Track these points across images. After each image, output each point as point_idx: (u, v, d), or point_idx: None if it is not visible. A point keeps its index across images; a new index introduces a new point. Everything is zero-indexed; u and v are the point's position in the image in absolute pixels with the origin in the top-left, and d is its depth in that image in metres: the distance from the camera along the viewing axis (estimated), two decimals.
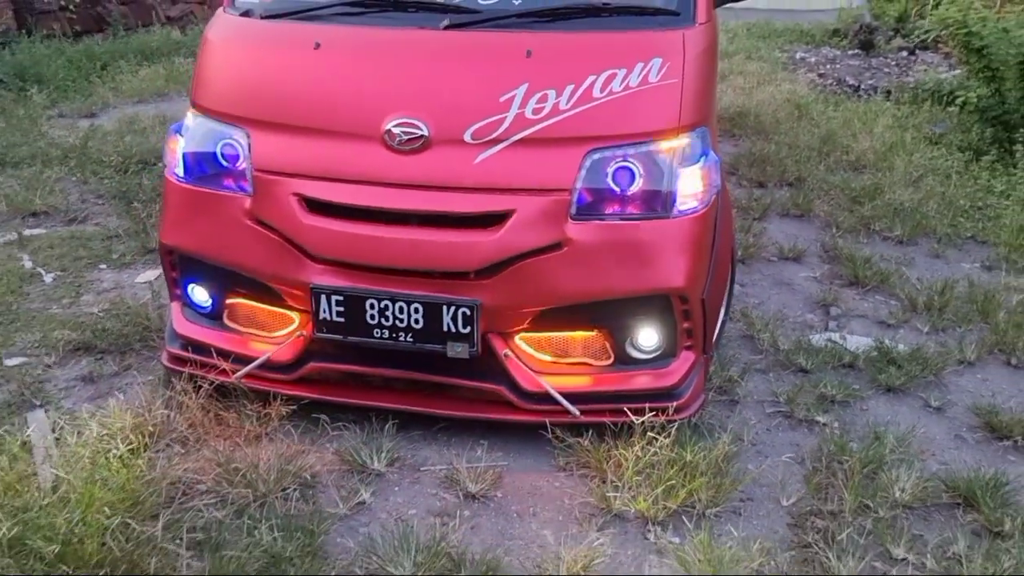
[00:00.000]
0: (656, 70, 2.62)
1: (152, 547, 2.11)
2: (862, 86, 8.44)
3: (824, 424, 2.96)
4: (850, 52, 10.64)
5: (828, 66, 9.72)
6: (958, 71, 7.33)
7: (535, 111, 2.57)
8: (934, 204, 4.88)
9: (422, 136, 2.58)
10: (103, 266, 4.18)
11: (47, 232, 4.55)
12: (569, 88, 2.58)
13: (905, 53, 10.09)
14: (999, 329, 3.55)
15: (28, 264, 4.15)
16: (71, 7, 9.99)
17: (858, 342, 3.48)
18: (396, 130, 2.59)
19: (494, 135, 2.57)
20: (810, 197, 5.08)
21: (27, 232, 4.51)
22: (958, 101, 5.92)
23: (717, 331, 3.19)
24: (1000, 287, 3.92)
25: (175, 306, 3.04)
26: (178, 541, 2.17)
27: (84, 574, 2.01)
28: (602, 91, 2.58)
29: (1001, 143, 5.72)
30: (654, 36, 2.71)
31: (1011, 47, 5.50)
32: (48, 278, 4.03)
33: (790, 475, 2.70)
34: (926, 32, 8.82)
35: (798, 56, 10.27)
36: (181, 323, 3.00)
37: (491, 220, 2.57)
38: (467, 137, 2.58)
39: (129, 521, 2.15)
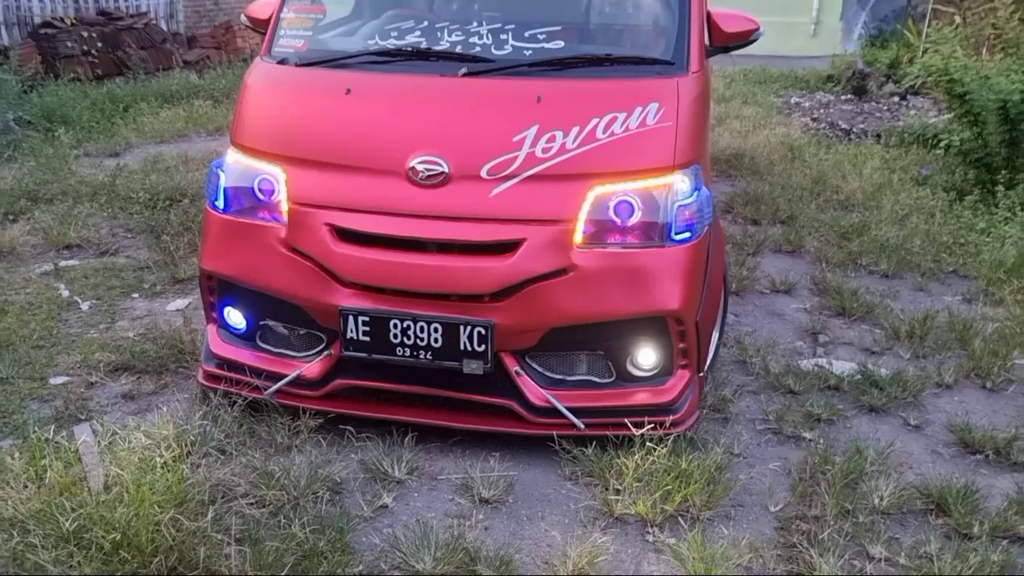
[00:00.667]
0: (653, 114, 2.91)
1: (201, 538, 2.34)
2: (854, 130, 8.78)
3: (810, 439, 3.19)
4: (843, 97, 11.01)
5: (821, 111, 10.07)
6: (946, 116, 7.65)
7: (544, 150, 2.86)
8: (918, 241, 5.15)
9: (443, 172, 2.87)
10: (135, 295, 4.44)
11: (81, 263, 4.83)
12: (575, 129, 2.87)
13: (896, 98, 10.45)
14: (975, 355, 3.79)
15: (65, 293, 4.41)
16: (93, 52, 10.42)
17: (843, 367, 3.72)
18: (419, 166, 2.87)
19: (508, 171, 2.85)
20: (801, 234, 5.36)
21: (62, 263, 4.79)
22: (942, 144, 6.22)
23: (711, 355, 3.44)
24: (978, 317, 4.17)
25: (211, 328, 3.30)
26: (223, 534, 2.40)
27: (141, 561, 2.24)
28: (604, 132, 2.87)
29: (984, 184, 6.01)
30: (651, 83, 3.01)
31: (991, 93, 5.81)
32: (84, 306, 4.29)
33: (777, 484, 2.93)
34: (914, 79, 9.18)
35: (793, 101, 10.64)
36: (217, 343, 3.26)
37: (504, 248, 2.84)
38: (483, 173, 2.86)
39: (179, 517, 2.38)
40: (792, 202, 5.89)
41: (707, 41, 3.36)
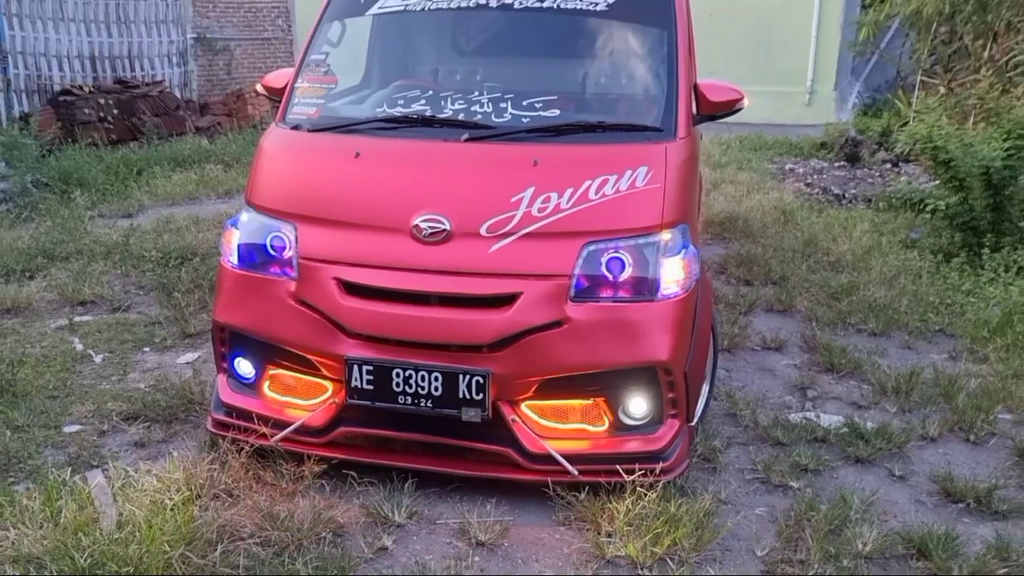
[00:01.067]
0: (642, 176, 3.10)
1: (209, 573, 2.45)
2: (846, 195, 9.02)
3: (797, 488, 3.30)
4: (836, 164, 11.32)
5: (815, 176, 10.35)
6: (935, 181, 7.89)
7: (540, 209, 3.05)
8: (906, 301, 5.31)
9: (445, 230, 3.05)
10: (147, 348, 4.60)
11: (95, 319, 5.00)
12: (569, 191, 3.06)
13: (889, 165, 10.75)
14: (959, 409, 3.91)
15: (79, 346, 4.57)
16: (109, 118, 10.79)
17: (830, 420, 3.84)
18: (423, 224, 3.06)
19: (506, 229, 3.04)
20: (792, 294, 5.52)
21: (77, 319, 4.96)
22: (929, 208, 6.43)
23: (701, 407, 3.58)
24: (962, 373, 4.31)
25: (221, 377, 3.45)
26: (231, 570, 2.51)
27: None
28: (597, 193, 3.07)
29: (971, 247, 6.20)
30: (641, 148, 3.22)
31: (975, 160, 6.04)
32: (98, 359, 4.44)
33: (764, 530, 3.03)
34: (903, 146, 9.47)
35: (787, 167, 10.93)
36: (226, 392, 3.40)
37: (502, 301, 3.01)
38: (483, 231, 3.05)
39: (188, 553, 2.50)
40: (783, 263, 6.07)
41: (695, 110, 3.58)
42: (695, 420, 3.60)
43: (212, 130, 12.03)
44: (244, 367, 3.39)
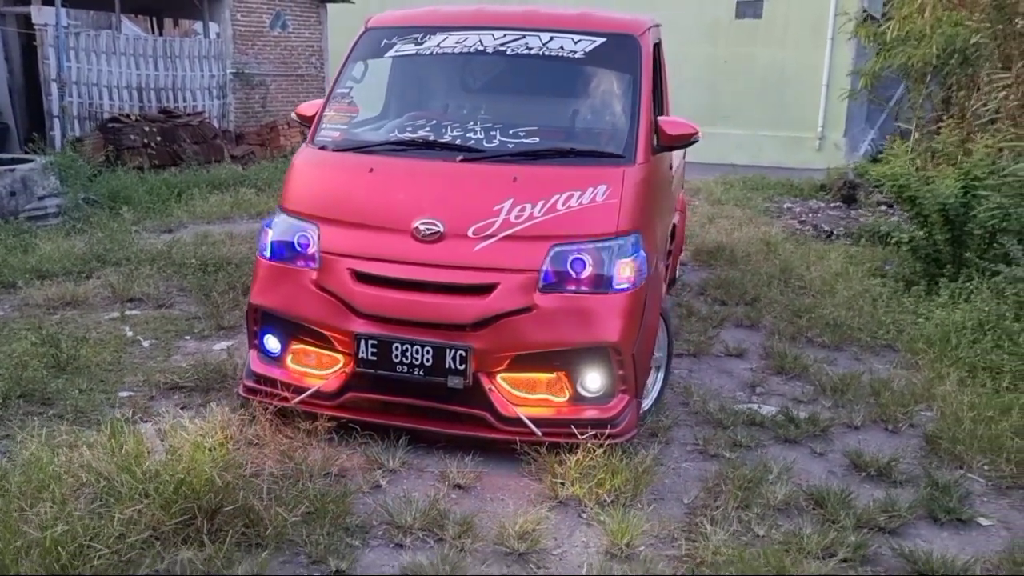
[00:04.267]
0: (602, 193, 3.80)
1: (242, 485, 3.12)
2: (834, 232, 9.64)
3: (729, 458, 3.92)
4: (832, 204, 11.95)
5: (810, 215, 10.99)
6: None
7: (517, 217, 3.74)
8: (861, 320, 5.91)
9: (439, 231, 3.75)
10: (187, 337, 5.33)
11: (142, 313, 5.74)
12: (541, 202, 3.76)
13: (884, 207, 11.34)
14: (882, 405, 4.52)
15: (129, 333, 5.31)
16: (152, 144, 11.71)
17: (769, 409, 4.47)
18: (422, 227, 3.77)
19: (488, 232, 3.73)
20: (761, 312, 6.16)
21: (127, 312, 5.71)
22: (893, 241, 7.05)
23: (657, 394, 4.25)
24: (891, 377, 4.91)
25: (252, 352, 4.15)
26: (257, 482, 3.18)
27: (196, 498, 3.02)
28: (563, 205, 3.76)
29: (933, 277, 6.79)
30: (603, 170, 3.91)
31: (933, 198, 6.67)
32: (145, 343, 5.17)
33: (693, 485, 3.66)
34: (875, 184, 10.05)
35: (785, 206, 11.58)
36: (256, 364, 4.10)
37: (483, 290, 3.70)
38: (470, 233, 3.74)
39: (224, 473, 3.17)
40: (757, 286, 6.71)
41: (655, 141, 4.26)
42: (650, 404, 4.25)
43: (246, 158, 12.93)
44: (271, 343, 4.09)
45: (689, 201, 11.29)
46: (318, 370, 4.00)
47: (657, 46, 4.88)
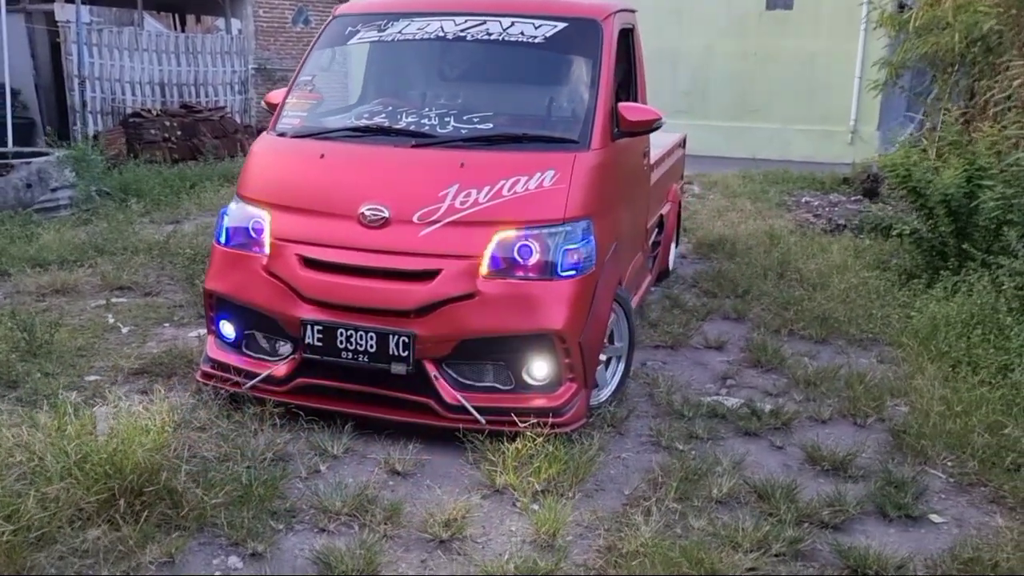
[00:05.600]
0: (549, 178, 3.74)
1: (166, 466, 3.13)
2: (848, 225, 9.39)
3: (682, 450, 3.83)
4: (853, 198, 11.67)
5: (828, 208, 10.73)
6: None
7: (462, 203, 3.70)
8: (851, 312, 5.75)
9: (384, 217, 3.73)
10: (166, 324, 5.39)
11: (128, 300, 5.83)
12: (486, 188, 3.72)
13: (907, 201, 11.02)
14: (855, 398, 4.38)
15: (111, 320, 5.39)
16: (173, 139, 11.90)
17: (734, 401, 4.36)
18: (367, 212, 3.75)
19: (433, 218, 3.70)
20: (751, 305, 6.02)
21: (114, 300, 5.79)
22: (895, 233, 6.84)
23: (616, 384, 4.18)
24: (867, 369, 4.76)
25: (210, 337, 4.18)
26: (182, 464, 3.19)
27: (121, 478, 3.04)
28: (509, 191, 3.71)
29: (936, 270, 6.58)
30: (552, 156, 3.85)
31: (938, 188, 6.46)
32: (124, 330, 5.24)
33: (638, 477, 3.58)
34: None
35: (803, 200, 11.32)
36: (213, 349, 4.13)
37: (426, 275, 3.67)
38: (415, 219, 3.72)
39: (154, 455, 3.19)
40: (751, 279, 6.56)
41: (616, 127, 4.18)
42: (609, 394, 4.18)
43: None
44: (227, 329, 4.11)
45: (703, 195, 11.16)
46: (271, 356, 4.01)
47: (628, 32, 4.79)
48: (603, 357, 4.15)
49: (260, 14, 14.03)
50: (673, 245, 7.02)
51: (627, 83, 4.91)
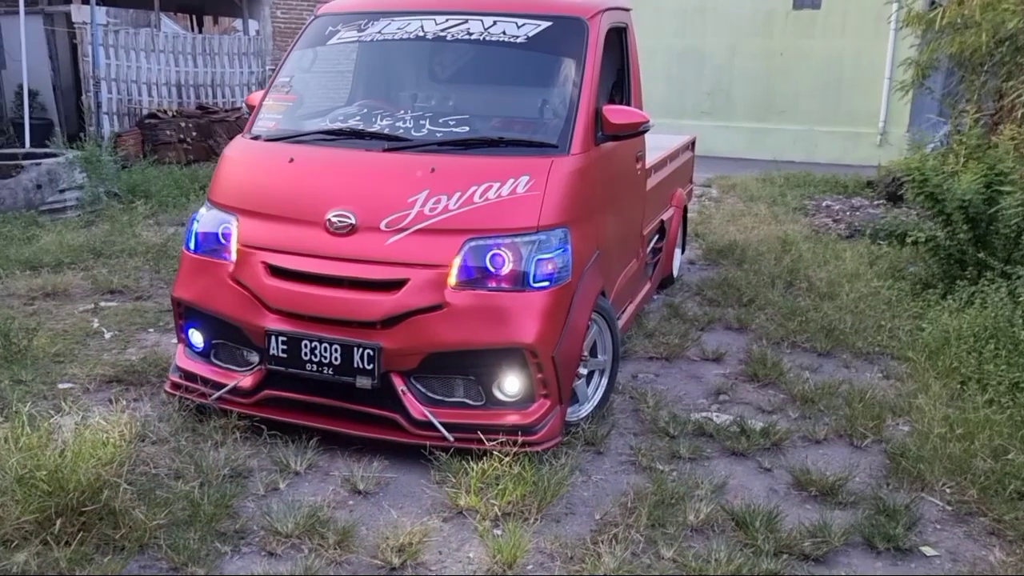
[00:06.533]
0: (523, 184, 3.56)
1: (108, 484, 3.01)
2: (867, 231, 9.08)
3: (662, 471, 3.64)
4: (876, 203, 11.33)
5: (848, 213, 10.41)
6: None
7: (431, 209, 3.54)
8: (858, 323, 5.50)
9: (351, 224, 3.58)
10: (151, 329, 5.30)
11: (117, 305, 5.75)
12: (457, 194, 3.55)
13: None
14: (853, 417, 4.15)
15: (96, 324, 5.30)
16: (188, 140, 11.89)
17: (725, 419, 4.15)
18: (334, 219, 3.60)
19: (401, 225, 3.55)
20: (755, 315, 5.79)
21: (102, 304, 5.72)
22: (910, 240, 6.56)
23: (599, 399, 3.99)
24: (867, 386, 4.51)
25: (179, 346, 4.06)
26: (124, 483, 3.06)
27: (63, 495, 2.92)
28: (480, 197, 3.54)
29: (953, 279, 6.29)
30: (528, 160, 3.68)
31: (955, 194, 6.17)
32: (108, 335, 5.16)
33: (610, 500, 3.39)
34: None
35: (824, 204, 11.01)
36: (181, 359, 4.01)
37: (393, 285, 3.51)
38: (382, 226, 3.56)
39: (100, 470, 3.06)
40: (758, 287, 6.32)
41: (600, 131, 3.99)
42: (590, 410, 4.00)
43: None
44: (195, 337, 3.99)
45: (720, 198, 10.89)
46: (239, 367, 3.88)
47: (619, 31, 4.60)
48: (585, 371, 3.97)
49: (278, 15, 14.00)
50: (678, 251, 6.80)
51: (619, 85, 4.72)
